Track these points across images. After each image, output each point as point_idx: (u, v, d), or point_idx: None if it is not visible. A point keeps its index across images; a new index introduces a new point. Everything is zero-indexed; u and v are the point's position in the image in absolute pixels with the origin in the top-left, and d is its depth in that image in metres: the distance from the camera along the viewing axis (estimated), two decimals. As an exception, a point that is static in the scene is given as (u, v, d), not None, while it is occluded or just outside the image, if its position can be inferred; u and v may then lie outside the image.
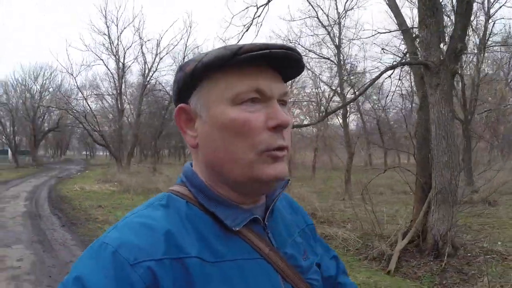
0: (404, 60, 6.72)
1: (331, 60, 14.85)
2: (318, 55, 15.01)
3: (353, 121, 26.40)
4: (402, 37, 7.84)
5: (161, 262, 0.58)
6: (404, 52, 7.93)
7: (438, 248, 5.10)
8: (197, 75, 0.68)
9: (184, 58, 21.50)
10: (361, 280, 4.62)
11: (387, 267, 5.02)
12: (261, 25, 8.81)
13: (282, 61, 0.69)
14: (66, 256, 5.71)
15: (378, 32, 8.17)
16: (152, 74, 23.38)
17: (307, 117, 20.68)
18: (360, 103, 21.61)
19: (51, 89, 32.25)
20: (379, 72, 5.60)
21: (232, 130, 0.67)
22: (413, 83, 14.08)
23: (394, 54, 13.02)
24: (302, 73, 0.77)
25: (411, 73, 10.38)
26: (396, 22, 6.58)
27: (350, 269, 5.00)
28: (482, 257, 5.07)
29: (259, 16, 8.47)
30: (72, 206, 10.79)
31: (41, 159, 39.76)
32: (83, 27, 66.41)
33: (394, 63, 7.15)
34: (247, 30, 8.53)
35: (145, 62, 23.71)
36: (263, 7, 8.40)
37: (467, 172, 11.83)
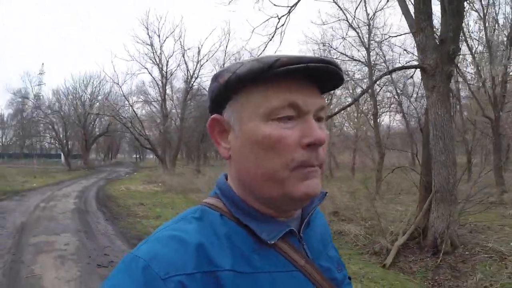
0: (403, 65, 7.09)
1: (361, 62, 15.23)
2: (348, 57, 15.43)
3: (396, 121, 26.22)
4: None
5: (193, 276, 0.59)
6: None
7: (437, 245, 5.37)
8: (230, 87, 0.68)
9: (223, 65, 22.46)
10: (353, 270, 5.03)
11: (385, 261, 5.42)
12: (284, 33, 9.28)
13: (320, 74, 0.67)
14: (105, 242, 6.61)
15: (390, 36, 8.51)
16: (194, 80, 24.64)
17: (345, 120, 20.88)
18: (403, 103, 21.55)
19: (100, 97, 34.36)
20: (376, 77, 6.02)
21: (265, 147, 0.66)
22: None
23: (414, 54, 13.18)
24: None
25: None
26: (407, 23, 6.47)
27: (348, 262, 5.43)
28: (479, 256, 5.22)
29: (282, 25, 9.08)
30: (116, 204, 11.87)
31: (92, 162, 42.28)
32: (127, 38, 69.74)
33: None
34: (270, 40, 9.14)
35: (188, 69, 25.01)
36: (284, 16, 9.01)
37: (497, 172, 11.79)
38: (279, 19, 9.01)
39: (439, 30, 5.83)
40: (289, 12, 8.88)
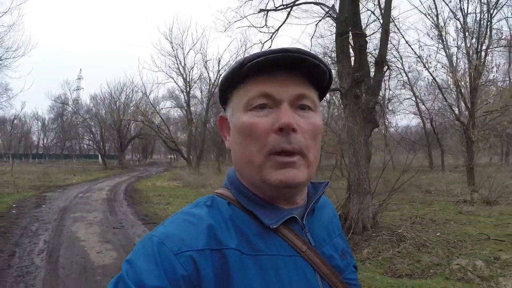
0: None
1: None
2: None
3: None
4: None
5: (202, 252, 0.67)
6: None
7: (351, 227, 7.00)
8: (224, 89, 0.81)
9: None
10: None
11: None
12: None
13: (296, 65, 0.74)
14: (122, 217, 9.41)
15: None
16: (215, 89, 27.36)
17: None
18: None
19: (133, 102, 37.93)
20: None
21: (244, 134, 0.75)
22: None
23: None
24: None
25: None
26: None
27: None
28: (381, 237, 6.55)
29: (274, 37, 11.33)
30: (140, 195, 14.73)
31: (128, 162, 46.25)
32: (154, 50, 74.74)
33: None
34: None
35: (210, 79, 28.03)
36: (268, 42, 11.42)
37: (469, 173, 13.67)
38: (263, 44, 11.50)
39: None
40: (271, 38, 11.32)
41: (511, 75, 23.89)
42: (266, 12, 10.11)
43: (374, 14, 12.44)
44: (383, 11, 8.92)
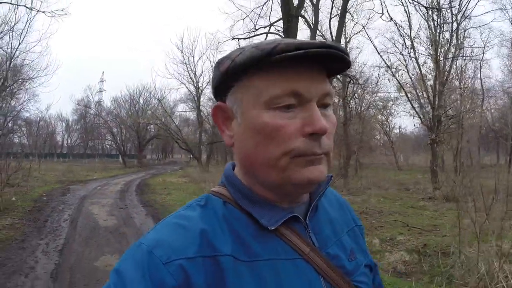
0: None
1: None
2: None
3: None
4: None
5: (193, 260, 0.64)
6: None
7: None
8: (231, 74, 0.71)
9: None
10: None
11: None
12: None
13: (325, 59, 0.68)
14: (128, 202, 12.23)
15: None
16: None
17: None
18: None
19: (151, 105, 41.23)
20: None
21: (265, 135, 0.68)
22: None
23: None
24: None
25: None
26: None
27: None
28: None
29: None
30: (148, 188, 17.56)
31: (147, 161, 49.60)
32: (168, 58, 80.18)
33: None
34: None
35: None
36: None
37: (432, 173, 15.88)
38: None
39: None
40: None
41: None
42: (237, 39, 12.78)
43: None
44: (334, 38, 11.36)
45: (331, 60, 0.69)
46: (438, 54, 15.67)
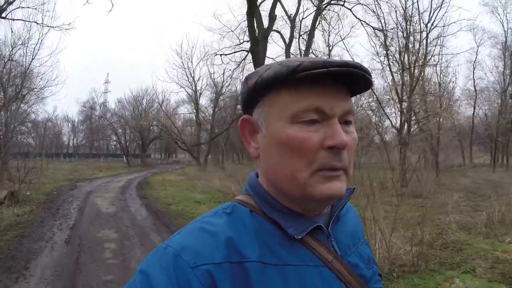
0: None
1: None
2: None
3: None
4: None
5: (220, 266, 0.66)
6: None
7: None
8: (258, 89, 0.75)
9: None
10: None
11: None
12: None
13: (348, 77, 0.71)
14: (127, 196, 14.26)
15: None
16: (219, 96, 32.56)
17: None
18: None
19: (154, 107, 43.34)
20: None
21: (289, 148, 0.72)
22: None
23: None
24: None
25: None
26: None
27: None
28: None
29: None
30: (148, 185, 19.54)
31: (150, 161, 51.77)
32: (168, 63, 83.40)
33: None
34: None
35: (215, 87, 33.01)
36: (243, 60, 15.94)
37: (401, 172, 17.68)
38: (232, 71, 16.10)
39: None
40: (239, 66, 15.89)
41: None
42: (220, 55, 14.82)
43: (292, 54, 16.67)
44: (303, 53, 13.24)
45: (353, 78, 0.72)
46: (407, 61, 17.50)
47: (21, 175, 13.55)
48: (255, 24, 11.77)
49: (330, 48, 21.66)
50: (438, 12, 18.77)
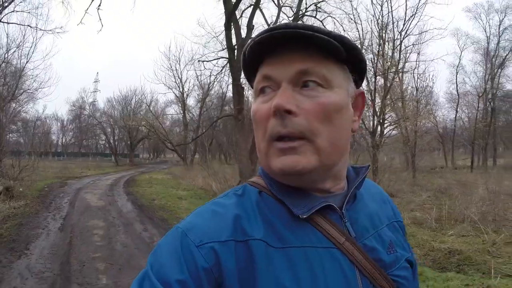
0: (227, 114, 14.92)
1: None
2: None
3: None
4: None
5: (225, 244, 0.68)
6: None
7: None
8: (248, 79, 0.82)
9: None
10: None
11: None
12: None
13: (291, 42, 0.70)
14: (115, 192, 15.27)
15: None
16: (206, 98, 33.64)
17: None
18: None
19: (142, 107, 44.29)
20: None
21: (253, 121, 0.76)
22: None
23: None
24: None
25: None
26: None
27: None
28: None
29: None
30: (134, 182, 20.52)
31: (138, 160, 52.64)
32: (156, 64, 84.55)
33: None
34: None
35: (202, 89, 34.00)
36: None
37: (374, 172, 18.89)
38: (216, 75, 17.14)
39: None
40: (221, 71, 16.93)
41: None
42: (203, 61, 15.92)
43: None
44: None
45: (300, 40, 0.69)
46: (378, 67, 18.67)
47: (15, 172, 14.47)
48: (234, 34, 12.86)
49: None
50: (411, 21, 20.05)
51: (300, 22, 17.41)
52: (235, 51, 12.53)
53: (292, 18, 14.87)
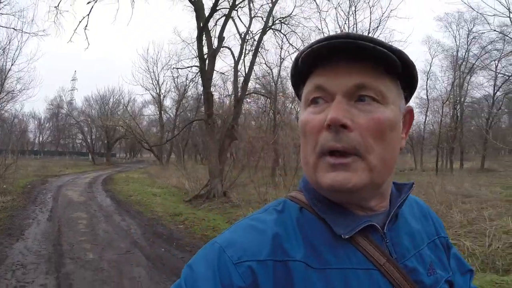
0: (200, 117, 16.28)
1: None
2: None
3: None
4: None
5: (264, 263, 0.65)
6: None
7: (209, 197, 13.59)
8: (294, 87, 0.80)
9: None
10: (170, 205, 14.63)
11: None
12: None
13: (348, 52, 0.68)
14: (94, 189, 16.44)
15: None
16: (182, 99, 34.92)
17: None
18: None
19: (120, 107, 45.26)
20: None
21: (302, 132, 0.73)
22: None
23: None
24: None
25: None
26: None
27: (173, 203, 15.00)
28: (220, 200, 14.13)
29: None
30: (112, 181, 21.60)
31: (115, 160, 53.38)
32: (135, 66, 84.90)
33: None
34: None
35: (179, 90, 35.29)
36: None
37: (273, 170, 20.50)
38: (191, 80, 18.41)
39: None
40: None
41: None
42: (176, 69, 17.24)
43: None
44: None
45: (359, 52, 0.67)
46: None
47: (0, 170, 15.51)
48: (206, 44, 14.12)
49: (281, 60, 24.04)
50: (374, 33, 21.64)
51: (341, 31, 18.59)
52: (206, 61, 13.80)
53: (261, 31, 16.05)
